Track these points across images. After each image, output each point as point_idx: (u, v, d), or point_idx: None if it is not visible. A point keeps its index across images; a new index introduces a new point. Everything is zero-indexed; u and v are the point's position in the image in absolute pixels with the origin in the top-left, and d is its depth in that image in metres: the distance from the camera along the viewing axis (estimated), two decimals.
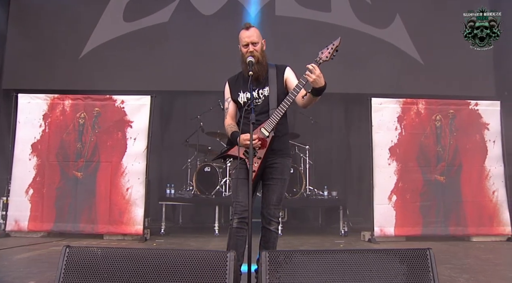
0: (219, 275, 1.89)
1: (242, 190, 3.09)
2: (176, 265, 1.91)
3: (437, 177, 6.16)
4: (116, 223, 6.13)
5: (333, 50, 2.95)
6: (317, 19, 9.86)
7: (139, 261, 1.91)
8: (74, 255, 1.91)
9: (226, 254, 1.95)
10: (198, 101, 9.37)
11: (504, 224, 6.06)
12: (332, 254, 2.01)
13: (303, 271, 1.94)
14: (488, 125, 6.22)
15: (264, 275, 1.91)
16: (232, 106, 3.29)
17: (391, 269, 2.00)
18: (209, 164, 7.40)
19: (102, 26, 9.59)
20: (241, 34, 3.21)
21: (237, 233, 3.05)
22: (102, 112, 6.36)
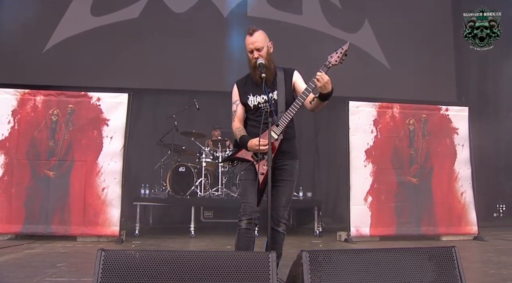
0: (262, 276, 1.89)
1: (251, 191, 3.07)
2: (217, 267, 1.88)
3: (410, 178, 6.41)
4: (91, 224, 5.91)
5: (342, 54, 3.00)
6: (288, 21, 10.00)
7: (179, 263, 1.87)
8: (111, 258, 1.83)
9: (268, 254, 1.96)
10: (170, 100, 9.26)
11: (471, 224, 6.41)
12: (367, 253, 2.07)
13: (342, 269, 1.98)
14: (457, 130, 6.55)
15: (306, 275, 1.93)
16: (241, 109, 3.26)
17: (421, 267, 2.08)
18: (184, 164, 7.30)
19: (68, 19, 9.26)
20: (246, 40, 3.19)
21: (246, 234, 3.04)
22: (77, 109, 6.11)
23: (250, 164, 3.10)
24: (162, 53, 9.25)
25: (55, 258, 4.51)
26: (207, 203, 7.26)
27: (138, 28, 9.32)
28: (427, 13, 9.83)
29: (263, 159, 3.05)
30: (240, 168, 3.22)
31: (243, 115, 3.29)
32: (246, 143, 3.08)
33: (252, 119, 3.23)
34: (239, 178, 3.25)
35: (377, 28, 9.88)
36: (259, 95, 3.19)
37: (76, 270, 3.92)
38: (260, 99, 3.19)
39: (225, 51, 9.42)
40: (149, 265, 1.85)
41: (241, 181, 3.21)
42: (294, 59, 9.15)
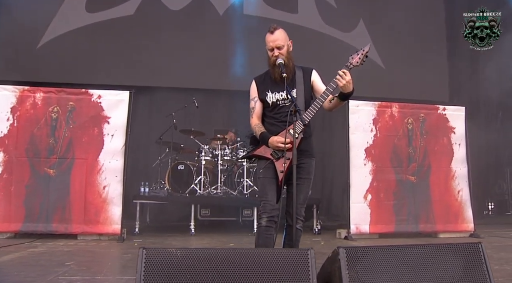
0: (302, 272, 1.92)
1: (270, 189, 3.10)
2: (257, 264, 1.91)
3: (408, 177, 6.51)
4: (92, 222, 5.87)
5: (363, 56, 3.04)
6: (284, 20, 9.97)
7: (219, 260, 1.89)
8: (152, 257, 1.84)
9: (307, 251, 1.99)
10: (166, 98, 9.22)
11: (468, 221, 6.54)
12: (400, 249, 2.12)
13: (377, 265, 2.03)
14: (454, 129, 6.67)
15: (344, 270, 1.97)
16: (259, 105, 3.29)
17: (451, 263, 2.14)
18: (183, 162, 7.30)
19: (62, 15, 9.15)
20: (266, 37, 3.22)
21: (266, 232, 3.06)
22: (77, 106, 6.05)
23: (269, 162, 3.12)
24: (158, 51, 9.20)
25: (61, 257, 4.47)
26: (207, 201, 7.26)
27: (134, 25, 9.25)
28: (420, 14, 9.97)
29: (283, 157, 3.08)
30: (259, 165, 3.24)
31: (261, 112, 3.31)
32: (267, 140, 3.10)
33: (270, 117, 3.26)
34: (258, 176, 3.25)
35: (372, 28, 9.98)
36: (277, 92, 3.21)
37: (86, 268, 3.89)
38: (278, 96, 3.21)
39: (221, 49, 9.43)
40: (191, 262, 1.86)
41: (259, 179, 3.23)
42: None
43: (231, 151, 7.51)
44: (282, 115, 3.19)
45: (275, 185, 3.10)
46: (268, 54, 3.23)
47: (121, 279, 3.46)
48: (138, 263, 1.83)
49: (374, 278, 2.01)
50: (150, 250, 1.86)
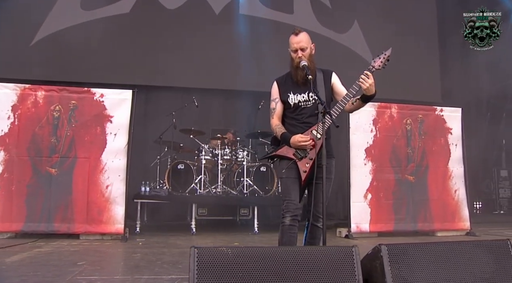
0: (348, 269, 1.99)
1: (294, 188, 3.15)
2: (305, 262, 1.96)
3: (407, 176, 6.64)
4: (95, 222, 5.83)
5: (385, 59, 3.13)
6: (279, 20, 10.09)
7: (269, 259, 1.93)
8: (204, 255, 1.87)
9: (351, 248, 2.05)
10: (162, 97, 9.22)
11: (464, 220, 6.71)
12: (438, 246, 2.22)
13: (417, 261, 2.12)
14: (451, 130, 6.83)
15: (386, 267, 2.05)
16: (280, 106, 3.34)
17: (483, 259, 2.23)
18: (183, 161, 7.29)
19: (57, 13, 9.03)
20: (290, 39, 3.28)
21: (289, 230, 3.12)
22: (80, 105, 6.00)
23: (292, 162, 3.17)
24: (154, 50, 9.17)
25: (70, 257, 4.45)
26: (208, 201, 7.26)
27: (130, 24, 9.19)
28: (413, 15, 10.14)
29: (305, 157, 3.14)
30: (280, 165, 3.28)
31: (282, 113, 3.36)
32: (288, 139, 3.15)
33: (291, 118, 3.31)
34: (280, 176, 3.29)
35: (366, 29, 10.11)
36: (299, 94, 3.27)
37: (100, 268, 3.88)
38: (300, 98, 3.27)
39: (218, 49, 9.44)
40: (242, 261, 1.90)
41: (282, 179, 3.27)
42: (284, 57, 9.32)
43: (231, 151, 7.53)
44: (303, 117, 3.25)
45: (297, 185, 3.16)
46: (292, 55, 3.28)
47: (140, 279, 3.46)
48: (190, 262, 1.85)
49: (413, 274, 2.09)
50: (201, 249, 1.88)
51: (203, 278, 1.83)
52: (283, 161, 3.25)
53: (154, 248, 5.20)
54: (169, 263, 4.17)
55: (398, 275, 2.06)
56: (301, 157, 3.15)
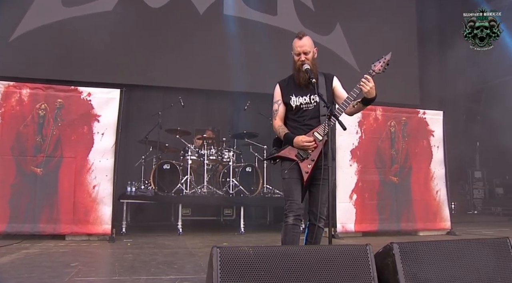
0: (363, 266, 2.06)
1: (296, 189, 3.21)
2: (324, 260, 2.02)
3: (391, 177, 6.80)
4: (81, 222, 5.74)
5: (385, 63, 3.21)
6: (263, 21, 10.17)
7: (289, 257, 1.97)
8: (226, 255, 1.90)
9: (365, 247, 2.12)
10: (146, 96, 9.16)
11: (445, 220, 6.93)
12: (445, 244, 2.33)
13: (427, 258, 2.22)
14: (433, 132, 7.04)
15: (398, 264, 2.13)
16: (282, 108, 3.39)
17: (486, 255, 2.34)
18: (169, 161, 7.25)
19: (37, 8, 8.85)
20: (294, 43, 3.34)
21: (293, 230, 3.19)
22: (66, 104, 5.90)
23: (294, 163, 3.22)
24: (137, 49, 9.10)
25: (61, 258, 4.37)
26: (194, 201, 7.24)
27: (112, 22, 9.05)
28: (394, 19, 10.39)
29: (307, 158, 3.20)
30: (283, 166, 3.33)
31: (284, 114, 3.40)
32: (292, 140, 3.20)
33: (293, 120, 3.36)
34: (283, 176, 3.33)
35: (348, 32, 10.30)
36: (301, 96, 3.33)
37: (95, 269, 3.84)
38: (302, 100, 3.33)
39: (202, 49, 9.43)
40: (263, 260, 1.94)
41: (285, 180, 3.32)
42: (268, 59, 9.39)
43: (216, 151, 7.53)
44: (305, 119, 3.32)
45: (300, 185, 3.22)
46: (294, 58, 3.33)
47: (139, 279, 3.44)
48: (213, 261, 1.88)
49: (423, 270, 2.19)
50: (223, 248, 1.91)
51: (226, 277, 1.86)
52: (286, 162, 3.30)
53: (144, 249, 5.16)
54: (163, 263, 4.16)
55: (409, 272, 2.15)
56: (303, 158, 3.21)
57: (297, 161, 3.23)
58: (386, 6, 10.44)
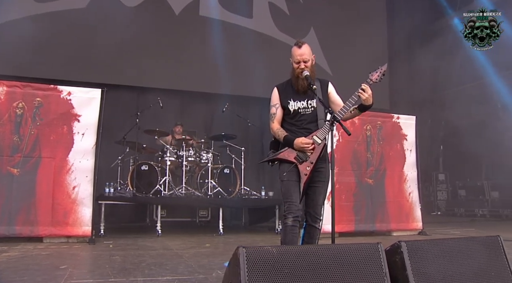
0: (376, 263, 2.19)
1: (295, 191, 3.31)
2: (339, 257, 2.12)
3: (367, 179, 7.02)
4: (60, 224, 5.62)
5: (381, 74, 3.36)
6: (239, 24, 10.27)
7: (310, 256, 2.06)
8: (252, 254, 1.96)
9: (377, 245, 2.25)
10: (115, 96, 9.01)
11: (417, 220, 7.22)
12: (447, 242, 2.49)
13: (431, 255, 2.37)
14: (406, 136, 7.33)
15: (406, 261, 2.27)
16: (280, 111, 3.47)
17: (480, 253, 2.52)
18: (147, 162, 7.21)
19: (8, 3, 8.54)
20: (293, 51, 3.43)
21: (292, 230, 3.27)
22: (45, 103, 5.75)
23: (293, 165, 3.32)
24: (111, 47, 8.96)
25: (47, 261, 4.28)
26: (174, 202, 7.21)
27: (86, 19, 8.91)
28: (366, 26, 10.72)
29: (306, 161, 3.31)
30: (281, 168, 3.41)
31: (281, 118, 3.49)
32: (292, 142, 3.30)
33: (291, 124, 3.46)
34: (281, 178, 3.41)
35: (322, 36, 10.54)
36: (299, 101, 3.43)
37: (87, 271, 3.80)
38: (300, 105, 3.43)
39: (177, 49, 9.42)
40: (286, 258, 2.02)
41: (283, 182, 3.40)
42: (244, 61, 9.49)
43: (195, 152, 7.54)
44: (303, 123, 3.43)
45: (298, 187, 3.32)
46: (293, 66, 3.43)
47: (136, 281, 3.44)
48: (240, 260, 1.94)
49: (428, 267, 2.34)
50: (249, 248, 1.97)
51: (253, 276, 1.93)
52: (284, 164, 3.39)
53: (128, 251, 5.12)
54: (155, 265, 4.15)
55: (416, 268, 2.29)
56: (302, 161, 3.32)
57: (296, 163, 3.33)
58: (358, 13, 10.78)
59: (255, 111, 10.04)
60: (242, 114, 8.56)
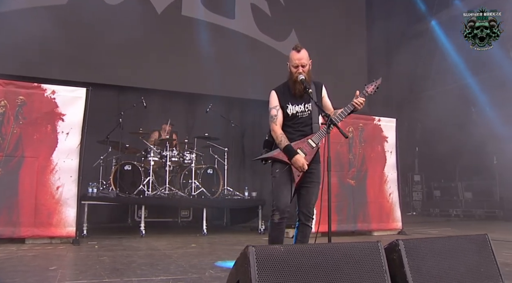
0: (376, 260, 2.28)
1: (284, 190, 3.42)
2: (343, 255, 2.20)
3: (349, 180, 7.17)
4: (44, 225, 5.53)
5: (376, 87, 3.47)
6: (221, 24, 10.31)
7: (316, 254, 2.13)
8: (261, 253, 2.02)
9: (377, 243, 2.34)
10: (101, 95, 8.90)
11: (397, 220, 7.42)
12: (441, 240, 2.62)
13: (427, 253, 2.49)
14: (387, 138, 7.51)
15: (404, 258, 2.38)
16: (281, 113, 3.52)
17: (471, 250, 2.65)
18: (130, 162, 7.16)
19: None
20: (292, 55, 3.50)
21: (278, 226, 3.45)
22: (28, 101, 5.65)
23: (288, 166, 3.40)
24: (91, 46, 8.86)
25: (34, 262, 4.22)
26: (158, 202, 7.17)
27: (67, 16, 8.76)
28: (346, 30, 10.94)
29: None
30: (274, 167, 3.48)
31: (282, 120, 3.53)
32: (292, 155, 3.35)
33: (288, 126, 3.53)
34: (273, 175, 3.49)
35: (303, 39, 10.65)
36: (297, 105, 3.51)
37: (80, 272, 3.76)
38: (297, 108, 3.51)
39: (158, 48, 9.38)
40: (293, 256, 2.08)
41: (275, 179, 3.48)
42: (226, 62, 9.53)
43: (178, 153, 7.53)
44: (299, 126, 3.52)
45: (289, 187, 3.41)
46: (291, 70, 3.49)
47: (130, 281, 3.44)
48: (250, 259, 1.99)
49: (425, 264, 2.45)
50: (258, 247, 2.03)
51: (262, 273, 1.99)
52: (278, 164, 3.47)
53: (115, 251, 5.09)
54: (145, 265, 4.15)
55: (413, 265, 2.40)
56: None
57: (290, 164, 3.41)
58: (339, 17, 10.97)
59: (235, 112, 10.09)
60: (223, 115, 8.59)
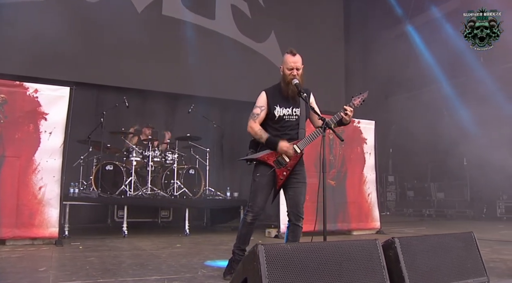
0: (375, 258, 2.40)
1: (262, 193, 3.59)
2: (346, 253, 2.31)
3: (329, 181, 7.31)
4: (25, 225, 5.44)
5: (361, 99, 3.61)
6: (201, 25, 10.33)
7: (320, 252, 2.23)
8: (270, 252, 2.10)
9: (375, 241, 2.46)
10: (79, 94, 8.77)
11: (375, 220, 7.63)
12: (432, 238, 2.79)
13: (420, 250, 2.65)
14: (366, 140, 7.72)
15: (400, 255, 2.51)
16: (264, 114, 3.62)
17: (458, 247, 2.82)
18: (112, 162, 7.11)
19: None
20: (287, 58, 3.58)
21: (249, 225, 3.64)
22: (10, 100, 5.55)
23: (272, 170, 3.49)
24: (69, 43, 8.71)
25: (21, 263, 4.17)
26: (140, 202, 7.13)
27: (44, 12, 8.60)
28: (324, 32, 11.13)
29: (284, 167, 3.50)
30: (257, 168, 3.58)
31: (263, 120, 3.62)
32: (276, 143, 3.45)
33: (274, 128, 3.63)
34: (254, 178, 3.58)
35: (282, 41, 10.81)
36: (285, 108, 3.61)
37: (70, 273, 3.74)
38: (285, 111, 3.62)
39: (138, 47, 9.32)
40: (300, 254, 2.17)
41: (255, 182, 3.58)
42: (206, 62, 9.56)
43: (160, 153, 7.52)
44: (286, 129, 3.63)
45: (268, 190, 3.54)
46: (285, 72, 3.58)
47: (125, 281, 3.46)
48: (260, 257, 2.06)
49: (418, 259, 2.60)
50: (267, 246, 2.11)
51: (272, 271, 2.07)
52: (262, 166, 3.57)
53: (101, 251, 5.06)
54: (135, 265, 4.16)
55: (408, 261, 2.54)
56: (280, 166, 3.50)
57: (275, 167, 3.50)
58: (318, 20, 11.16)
59: (215, 112, 10.13)
60: (204, 115, 8.63)
